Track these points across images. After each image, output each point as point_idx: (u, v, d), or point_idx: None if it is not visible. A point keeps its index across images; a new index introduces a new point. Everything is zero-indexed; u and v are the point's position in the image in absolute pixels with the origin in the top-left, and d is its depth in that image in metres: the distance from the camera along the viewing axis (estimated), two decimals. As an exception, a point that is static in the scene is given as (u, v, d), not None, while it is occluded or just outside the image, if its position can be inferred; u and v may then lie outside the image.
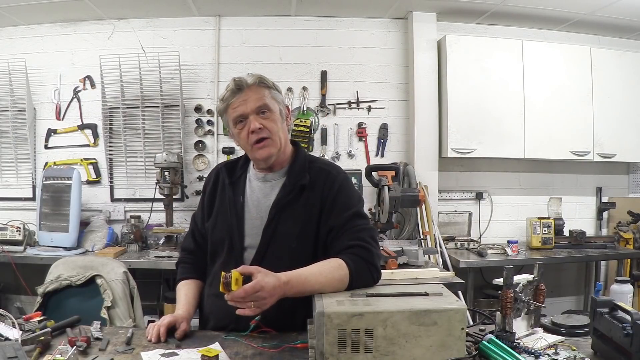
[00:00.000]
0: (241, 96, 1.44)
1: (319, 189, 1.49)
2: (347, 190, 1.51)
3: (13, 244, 3.20)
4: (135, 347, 1.34)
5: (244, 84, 1.45)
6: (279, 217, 1.47)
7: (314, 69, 3.77)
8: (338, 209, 1.46)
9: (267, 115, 1.46)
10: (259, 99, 1.44)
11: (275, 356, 1.28)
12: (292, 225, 1.46)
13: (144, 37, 3.68)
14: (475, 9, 3.60)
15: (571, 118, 3.63)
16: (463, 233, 3.82)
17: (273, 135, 1.46)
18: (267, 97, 1.46)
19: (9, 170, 3.71)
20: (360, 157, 3.81)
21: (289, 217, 1.47)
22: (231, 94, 1.45)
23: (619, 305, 1.26)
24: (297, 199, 1.48)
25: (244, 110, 1.44)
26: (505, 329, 1.30)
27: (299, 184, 1.49)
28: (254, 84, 1.46)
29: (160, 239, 3.39)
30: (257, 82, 1.46)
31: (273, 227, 1.47)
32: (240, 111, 1.45)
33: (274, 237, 1.47)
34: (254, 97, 1.44)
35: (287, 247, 1.46)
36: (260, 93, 1.46)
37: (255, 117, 1.44)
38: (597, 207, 4.10)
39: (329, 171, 1.53)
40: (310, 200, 1.48)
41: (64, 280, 2.06)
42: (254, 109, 1.44)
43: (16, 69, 3.58)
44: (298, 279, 1.30)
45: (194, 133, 3.73)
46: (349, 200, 1.49)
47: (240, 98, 1.44)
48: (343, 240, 1.42)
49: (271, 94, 1.48)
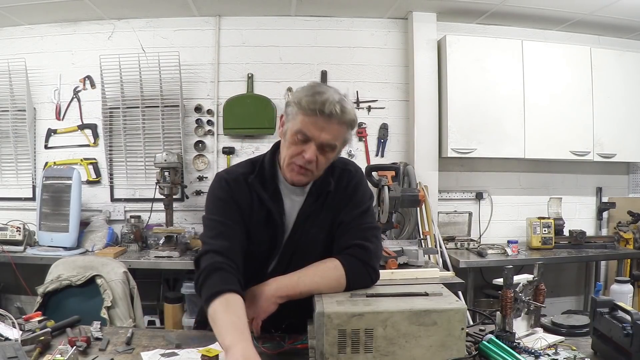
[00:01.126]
0: (323, 121, 1.29)
1: (341, 191, 1.47)
2: (361, 187, 1.50)
3: (13, 244, 3.20)
4: (135, 347, 1.34)
5: (335, 114, 1.29)
6: (304, 225, 1.44)
7: (314, 69, 3.77)
8: (351, 206, 1.46)
9: (326, 153, 1.35)
10: (334, 138, 1.32)
11: (276, 356, 1.28)
12: (318, 232, 1.44)
13: (144, 37, 3.68)
14: (475, 9, 3.60)
15: (571, 118, 3.63)
16: (463, 233, 3.81)
17: (317, 171, 1.38)
18: (340, 139, 1.35)
19: (9, 170, 3.71)
20: (360, 157, 3.80)
21: (314, 224, 1.44)
22: (316, 108, 1.28)
23: (619, 305, 1.26)
24: (322, 204, 1.45)
25: (314, 135, 1.31)
26: (505, 329, 1.30)
27: (325, 191, 1.44)
28: (343, 121, 1.32)
29: (160, 239, 3.39)
30: (347, 121, 1.33)
31: (297, 237, 1.43)
32: (311, 133, 1.31)
33: (298, 247, 1.44)
34: (332, 133, 1.31)
35: (311, 255, 1.41)
36: (339, 132, 1.33)
37: (315, 149, 1.32)
38: (597, 207, 4.09)
39: (349, 170, 1.50)
40: (334, 204, 1.46)
41: (64, 280, 2.05)
42: (322, 143, 1.32)
43: (16, 69, 3.57)
44: (290, 277, 1.31)
45: (194, 133, 3.73)
46: (361, 199, 1.49)
47: (320, 122, 1.30)
48: (346, 238, 1.42)
49: (346, 135, 1.37)
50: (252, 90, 3.69)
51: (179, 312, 3.21)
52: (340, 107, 1.30)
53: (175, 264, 3.10)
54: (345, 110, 1.31)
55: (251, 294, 1.28)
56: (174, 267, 3.12)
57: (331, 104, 1.28)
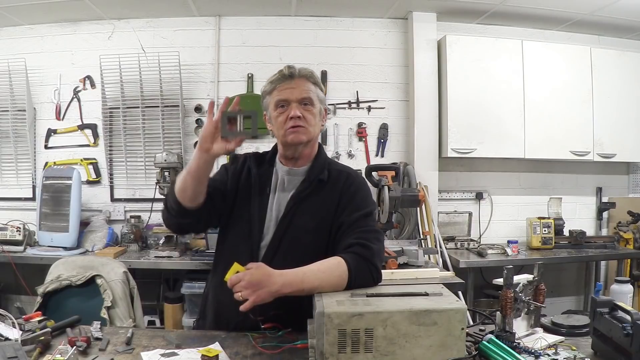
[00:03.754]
0: (290, 83, 1.51)
1: (337, 187, 1.54)
2: (363, 192, 1.57)
3: (13, 244, 3.20)
4: (135, 347, 1.34)
5: (295, 73, 1.52)
6: (295, 209, 1.51)
7: (314, 69, 3.75)
8: (351, 208, 1.50)
9: (308, 108, 1.51)
10: (305, 91, 1.51)
11: (275, 356, 1.28)
12: (309, 220, 1.50)
13: (143, 37, 3.68)
14: (475, 9, 3.60)
15: (571, 118, 3.63)
16: (463, 233, 3.81)
17: (309, 125, 1.51)
18: (312, 92, 1.53)
19: (9, 170, 3.71)
20: (360, 157, 3.81)
21: (306, 211, 1.51)
22: (281, 78, 1.51)
23: (619, 305, 1.26)
24: (316, 194, 1.52)
25: (289, 96, 1.50)
26: (505, 329, 1.30)
27: (317, 178, 1.53)
28: (305, 76, 1.53)
29: (160, 239, 3.39)
30: (308, 75, 1.54)
31: (289, 219, 1.50)
32: (285, 95, 1.50)
33: (288, 230, 1.50)
34: (302, 87, 1.51)
35: (301, 241, 1.48)
36: (307, 86, 1.52)
37: (298, 105, 1.49)
38: (597, 207, 4.09)
39: (348, 172, 1.60)
40: (329, 197, 1.52)
41: (64, 280, 2.06)
42: (299, 99, 1.50)
43: (16, 69, 3.57)
44: (295, 274, 1.31)
45: (194, 133, 3.73)
46: (363, 202, 1.53)
47: (288, 84, 1.50)
48: (347, 239, 1.44)
49: (317, 91, 1.55)
50: (252, 90, 3.69)
51: (179, 312, 3.21)
52: (297, 68, 1.53)
53: (175, 264, 3.10)
54: (302, 68, 1.54)
55: (256, 279, 1.25)
56: (174, 267, 3.12)
57: (289, 67, 1.52)
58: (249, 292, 1.24)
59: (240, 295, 1.24)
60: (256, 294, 1.24)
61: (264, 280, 1.26)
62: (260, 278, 1.26)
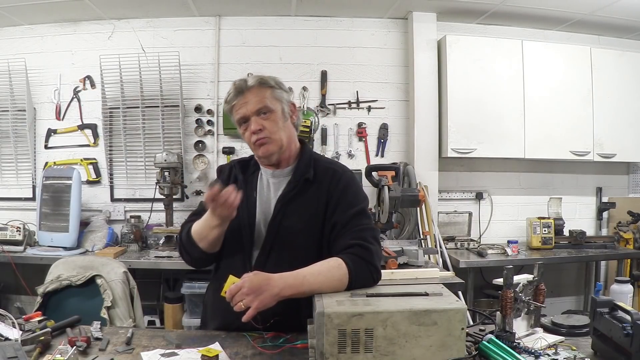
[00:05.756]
0: (242, 98, 1.49)
1: (324, 185, 1.52)
2: (353, 188, 1.54)
3: (13, 244, 3.20)
4: (135, 347, 1.34)
5: (244, 87, 1.50)
6: (284, 211, 1.50)
7: (314, 69, 3.77)
8: (343, 206, 1.48)
9: (267, 116, 1.49)
10: (258, 101, 1.48)
11: (275, 356, 1.28)
12: (297, 220, 1.48)
13: (143, 37, 3.68)
14: (475, 9, 3.60)
15: (571, 118, 3.63)
16: (463, 233, 3.81)
17: (272, 134, 1.49)
18: (268, 98, 1.50)
19: (9, 170, 3.71)
20: (360, 157, 3.81)
21: (294, 212, 1.49)
22: (234, 96, 1.51)
23: (619, 305, 1.26)
24: (302, 194, 1.51)
25: (245, 112, 1.49)
26: (505, 329, 1.30)
27: (302, 178, 1.52)
28: (254, 85, 1.50)
29: (160, 239, 3.39)
30: (257, 83, 1.50)
31: (278, 222, 1.49)
32: (242, 113, 1.50)
33: (278, 233, 1.48)
34: (254, 99, 1.48)
35: (292, 243, 1.47)
36: (260, 95, 1.49)
37: (256, 118, 1.48)
38: (597, 207, 4.10)
39: (334, 169, 1.57)
40: (316, 196, 1.50)
41: (64, 280, 2.06)
42: (254, 111, 1.48)
43: (16, 69, 3.57)
44: (295, 277, 1.31)
45: (194, 133, 3.73)
46: (354, 198, 1.51)
47: (241, 100, 1.49)
48: (345, 239, 1.43)
49: (273, 93, 1.52)
50: (252, 90, 3.69)
51: (179, 312, 3.21)
52: (248, 77, 1.52)
53: (175, 264, 3.09)
54: (254, 77, 1.52)
55: (256, 284, 1.25)
56: (174, 267, 3.11)
57: (240, 82, 1.51)
58: (251, 299, 1.23)
59: (242, 303, 1.22)
60: (258, 299, 1.23)
61: (264, 284, 1.26)
62: (260, 283, 1.26)
